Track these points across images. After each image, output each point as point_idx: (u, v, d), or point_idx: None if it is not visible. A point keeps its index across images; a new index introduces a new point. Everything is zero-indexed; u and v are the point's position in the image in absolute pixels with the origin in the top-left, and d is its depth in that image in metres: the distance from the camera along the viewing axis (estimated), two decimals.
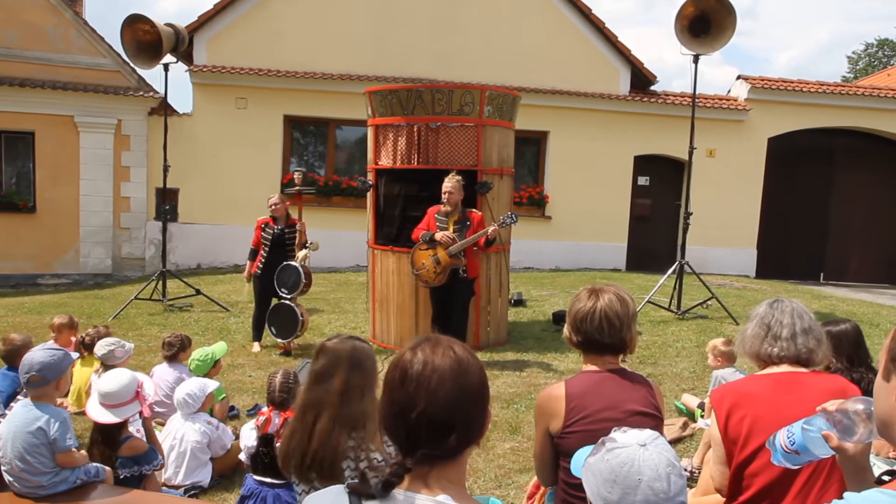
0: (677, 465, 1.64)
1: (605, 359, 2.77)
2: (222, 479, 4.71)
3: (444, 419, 1.50)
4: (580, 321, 2.73)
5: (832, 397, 2.46)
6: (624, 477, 1.59)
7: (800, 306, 2.81)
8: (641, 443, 1.64)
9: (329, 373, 2.86)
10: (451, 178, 6.98)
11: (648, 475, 1.58)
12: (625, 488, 1.59)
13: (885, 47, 40.04)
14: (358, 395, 2.82)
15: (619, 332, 2.70)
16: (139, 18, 9.62)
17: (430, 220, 7.12)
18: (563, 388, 2.71)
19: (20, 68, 13.09)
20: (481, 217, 7.07)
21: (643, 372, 6.74)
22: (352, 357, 2.89)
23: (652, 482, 1.58)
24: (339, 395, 2.80)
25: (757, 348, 2.76)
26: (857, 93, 15.59)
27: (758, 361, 2.81)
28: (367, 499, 1.50)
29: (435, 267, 6.92)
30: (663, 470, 1.59)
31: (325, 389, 2.84)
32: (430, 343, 1.60)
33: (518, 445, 5.22)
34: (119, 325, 8.76)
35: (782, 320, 2.75)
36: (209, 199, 13.91)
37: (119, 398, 4.02)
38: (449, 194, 6.93)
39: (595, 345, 2.74)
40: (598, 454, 1.67)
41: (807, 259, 15.70)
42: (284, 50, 14.10)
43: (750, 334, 2.81)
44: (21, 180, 13.75)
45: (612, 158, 14.95)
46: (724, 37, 9.21)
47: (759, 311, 2.86)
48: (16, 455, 3.39)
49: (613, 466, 1.61)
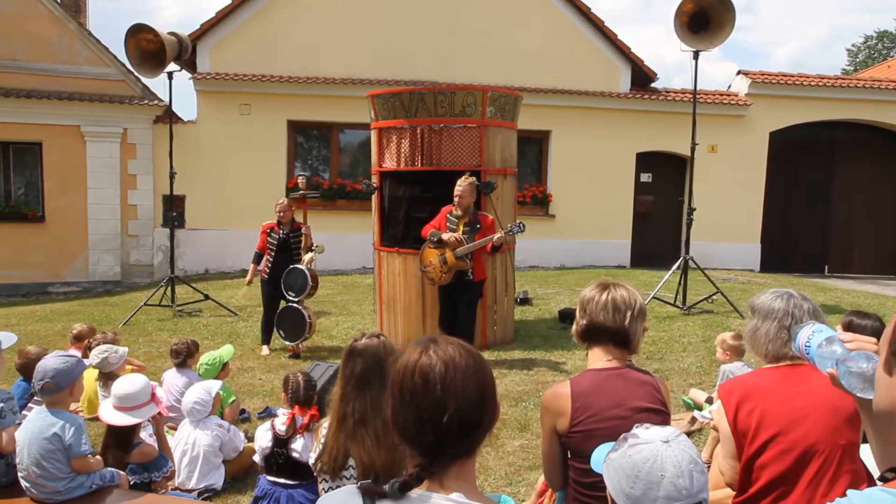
0: (699, 462, 1.63)
1: (610, 351, 2.72)
2: (235, 482, 4.76)
3: (474, 418, 1.50)
4: (587, 303, 2.73)
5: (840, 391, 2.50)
6: (647, 473, 1.59)
7: (812, 304, 2.80)
8: (664, 439, 1.63)
9: (374, 373, 2.83)
10: (463, 181, 6.91)
11: (671, 471, 1.58)
12: (647, 484, 1.58)
13: (885, 39, 39.87)
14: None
15: (624, 318, 2.67)
16: (143, 28, 9.69)
17: (441, 220, 7.09)
18: (568, 386, 2.69)
19: (26, 80, 13.23)
20: (492, 221, 7.02)
21: (650, 367, 6.82)
22: (391, 354, 2.85)
23: (675, 479, 1.57)
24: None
25: (777, 351, 2.73)
26: (857, 85, 15.60)
27: (769, 358, 2.79)
28: (380, 499, 1.47)
29: (441, 266, 6.94)
30: (686, 467, 1.59)
31: (377, 393, 2.78)
32: (440, 344, 1.57)
33: (527, 443, 5.26)
34: (129, 332, 8.84)
35: (802, 321, 2.68)
36: (215, 204, 14.00)
37: (135, 400, 4.09)
38: (459, 197, 6.88)
39: (599, 331, 2.70)
40: (621, 450, 1.67)
41: (810, 252, 15.71)
42: (287, 56, 14.18)
43: (768, 336, 2.76)
44: (29, 190, 13.88)
45: (615, 156, 14.98)
46: (723, 33, 9.24)
47: (773, 308, 2.79)
48: (32, 461, 3.44)
49: (636, 462, 1.61)
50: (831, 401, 2.51)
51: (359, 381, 2.85)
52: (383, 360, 2.84)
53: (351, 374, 2.87)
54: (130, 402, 4.08)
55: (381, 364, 2.83)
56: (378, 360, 2.85)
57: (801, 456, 2.50)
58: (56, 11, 13.36)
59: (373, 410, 2.80)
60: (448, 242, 6.88)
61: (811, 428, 2.52)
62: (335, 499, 1.56)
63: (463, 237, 6.86)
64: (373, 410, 2.80)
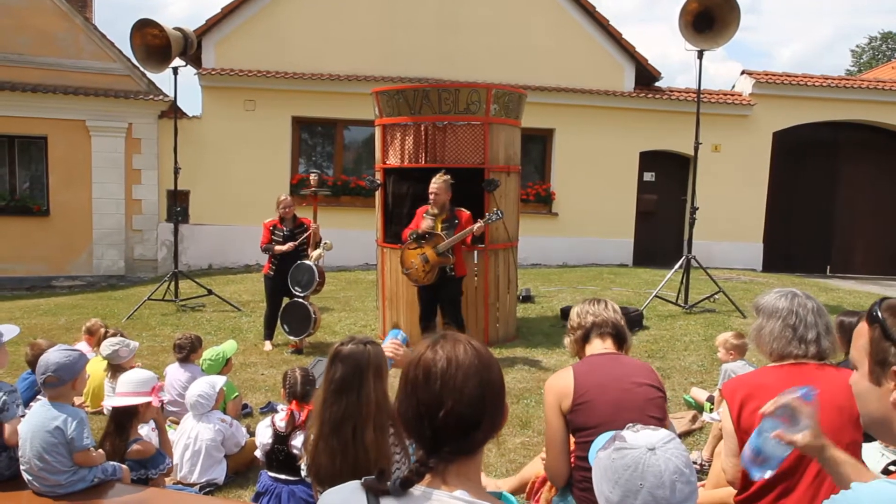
0: (686, 472, 1.59)
1: (607, 342, 3.12)
2: (237, 477, 4.77)
3: (472, 416, 1.50)
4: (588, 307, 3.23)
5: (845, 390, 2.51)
6: (626, 480, 1.57)
7: (816, 302, 2.81)
8: (651, 446, 1.60)
9: (354, 381, 2.76)
10: (437, 179, 6.91)
11: (651, 482, 1.55)
12: (625, 491, 1.57)
13: (889, 40, 39.79)
14: (385, 398, 2.76)
15: (620, 317, 3.19)
16: (148, 23, 9.70)
17: (418, 220, 7.11)
18: (570, 369, 3.00)
19: (32, 74, 13.27)
20: (469, 215, 6.98)
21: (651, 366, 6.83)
22: (376, 362, 2.81)
23: (654, 489, 1.55)
24: (375, 403, 2.71)
25: (782, 350, 2.75)
26: (861, 86, 15.58)
27: (774, 357, 2.80)
28: (383, 495, 1.48)
29: (424, 266, 6.92)
30: (668, 477, 1.55)
31: (356, 400, 2.73)
32: (449, 340, 1.57)
33: (529, 440, 5.27)
34: (133, 326, 8.88)
35: (807, 319, 2.74)
36: (219, 200, 14.04)
37: (137, 387, 4.14)
38: (435, 195, 6.89)
39: (604, 323, 3.13)
40: (608, 450, 1.65)
41: (813, 252, 15.69)
42: (292, 52, 14.20)
43: (773, 334, 2.79)
44: (34, 184, 13.94)
45: (618, 155, 14.99)
46: (728, 32, 9.23)
47: (777, 307, 2.81)
48: (34, 454, 3.45)
49: (618, 467, 1.59)
50: (836, 400, 2.52)
51: (338, 386, 2.76)
52: (364, 369, 2.76)
53: (331, 379, 2.79)
54: (131, 387, 4.14)
55: (362, 372, 2.75)
56: (359, 369, 2.76)
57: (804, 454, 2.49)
58: (62, 6, 13.38)
59: (347, 418, 2.71)
60: (428, 235, 6.86)
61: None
62: (338, 494, 1.56)
63: (442, 233, 6.87)
64: (347, 418, 2.71)
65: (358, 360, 2.78)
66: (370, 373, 2.77)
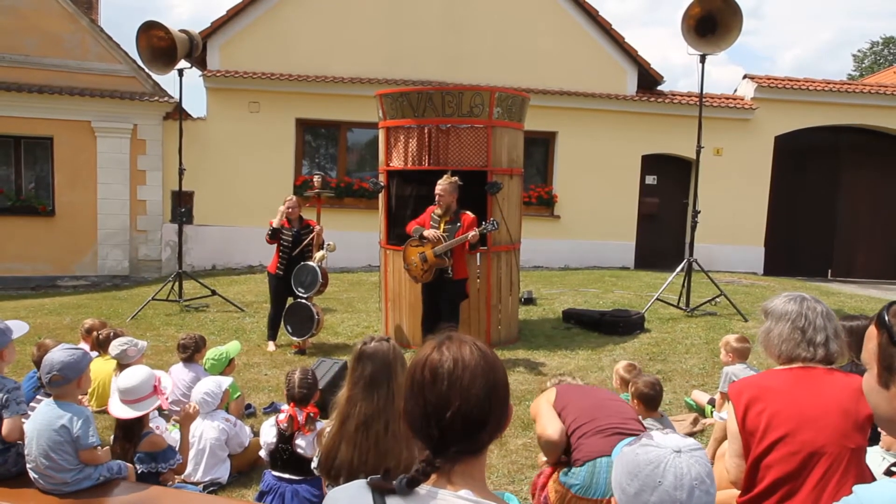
0: (707, 482, 1.56)
1: None
2: (241, 476, 4.80)
3: (478, 416, 1.51)
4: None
5: (852, 395, 2.54)
6: (646, 475, 1.56)
7: (825, 306, 2.83)
8: (677, 448, 1.58)
9: (383, 377, 2.86)
10: (444, 180, 6.98)
11: (670, 481, 1.53)
12: (643, 485, 1.56)
13: (891, 45, 39.76)
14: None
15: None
16: (154, 25, 9.74)
17: (426, 218, 7.17)
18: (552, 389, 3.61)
19: (38, 75, 13.34)
20: (472, 219, 7.01)
21: (653, 369, 6.89)
22: (401, 357, 2.94)
23: (671, 489, 1.53)
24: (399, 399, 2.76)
25: (791, 352, 2.76)
26: (863, 91, 15.59)
27: (782, 360, 2.82)
28: (389, 494, 1.49)
29: (422, 264, 6.99)
30: (688, 481, 1.53)
31: (386, 393, 2.83)
32: (455, 341, 1.59)
33: (530, 441, 5.28)
34: (137, 326, 8.93)
35: (816, 322, 2.76)
36: (223, 201, 14.09)
37: (137, 393, 4.15)
38: (440, 196, 6.95)
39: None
40: (633, 446, 1.65)
41: (814, 256, 15.69)
42: (296, 54, 14.25)
43: (782, 336, 2.80)
44: (40, 184, 13.99)
45: (620, 158, 15.01)
46: (730, 37, 9.24)
47: (787, 310, 2.83)
48: (40, 452, 3.48)
49: (640, 461, 1.59)
50: (842, 404, 2.54)
51: (368, 383, 2.88)
52: (392, 364, 2.89)
53: (360, 377, 2.90)
54: (132, 395, 4.15)
55: (390, 367, 2.88)
56: (387, 364, 2.89)
57: (808, 457, 2.51)
58: (68, 7, 13.45)
59: (378, 413, 2.82)
60: (429, 239, 6.93)
61: (820, 430, 2.53)
62: (344, 493, 1.58)
63: (443, 235, 6.91)
64: (378, 413, 2.82)
65: (385, 356, 2.90)
66: (398, 366, 2.89)
